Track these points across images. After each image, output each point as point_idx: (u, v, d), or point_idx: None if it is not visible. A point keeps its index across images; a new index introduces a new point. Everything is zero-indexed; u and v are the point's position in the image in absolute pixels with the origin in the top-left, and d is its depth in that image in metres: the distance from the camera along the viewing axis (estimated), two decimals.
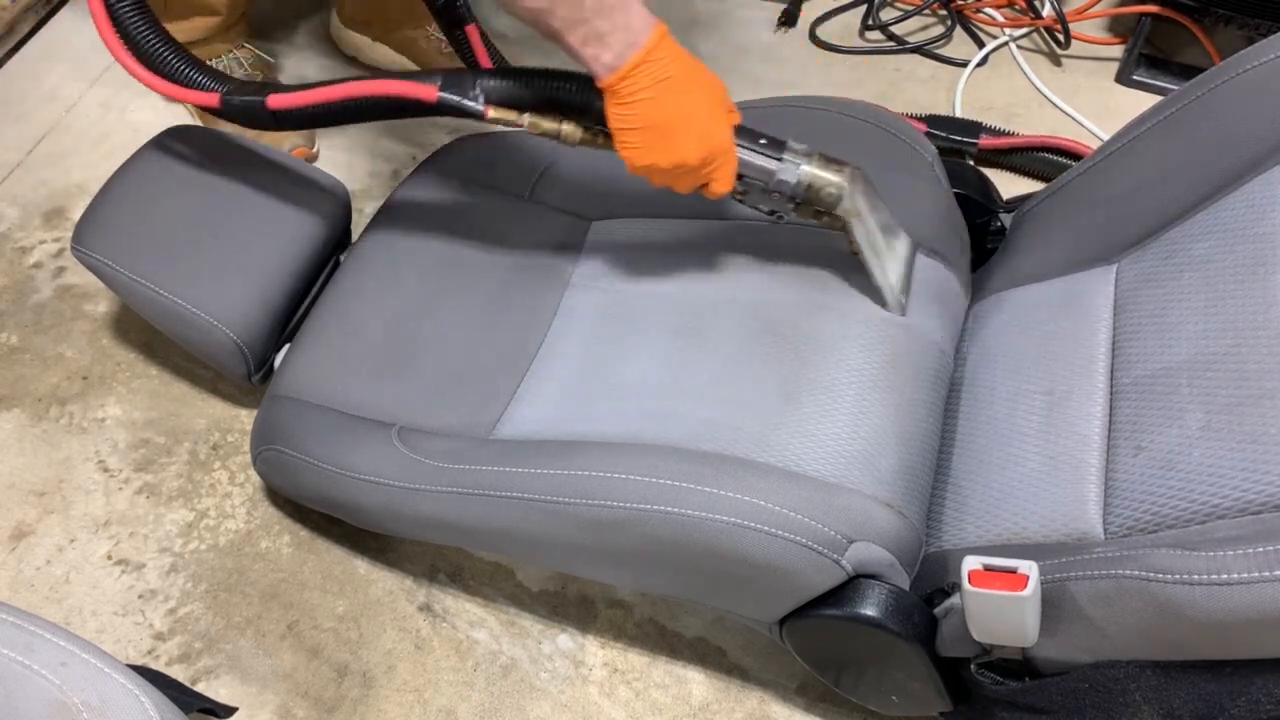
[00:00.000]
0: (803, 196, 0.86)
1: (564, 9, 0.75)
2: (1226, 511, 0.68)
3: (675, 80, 0.79)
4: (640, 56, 0.77)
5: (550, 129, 0.87)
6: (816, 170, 0.85)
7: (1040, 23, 1.53)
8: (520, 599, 1.08)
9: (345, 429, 0.96)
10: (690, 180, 0.84)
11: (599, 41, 0.76)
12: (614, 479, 0.80)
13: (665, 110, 0.79)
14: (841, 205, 0.86)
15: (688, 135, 0.80)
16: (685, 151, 0.81)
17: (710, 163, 0.82)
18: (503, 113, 0.87)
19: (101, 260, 1.06)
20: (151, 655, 1.05)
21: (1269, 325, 0.73)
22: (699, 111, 0.81)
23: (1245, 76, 0.83)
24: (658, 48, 0.78)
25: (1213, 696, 0.66)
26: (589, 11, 0.75)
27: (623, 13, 0.76)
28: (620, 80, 0.78)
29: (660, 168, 0.82)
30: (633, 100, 0.79)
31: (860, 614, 0.77)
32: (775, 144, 0.85)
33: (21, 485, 1.17)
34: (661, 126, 0.80)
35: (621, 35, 0.76)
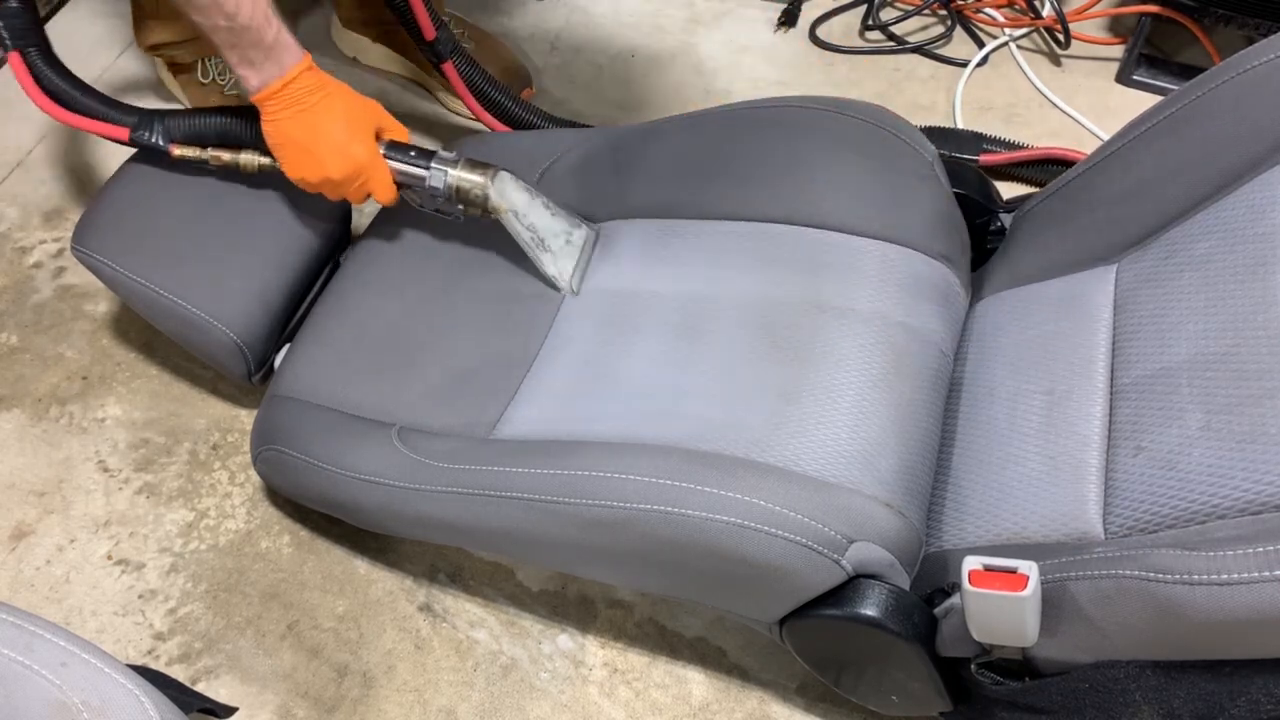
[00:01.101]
0: (455, 197, 0.98)
1: (223, 35, 0.88)
2: (1226, 511, 0.68)
3: (311, 106, 0.93)
4: (279, 85, 0.91)
5: (229, 160, 1.01)
6: (461, 173, 0.97)
7: (1040, 23, 1.53)
8: (520, 599, 1.08)
9: (345, 429, 0.96)
10: (343, 191, 0.97)
11: (250, 66, 0.90)
12: (614, 479, 0.80)
13: (303, 130, 0.93)
14: (489, 203, 0.97)
15: (327, 152, 0.94)
16: (328, 167, 0.94)
17: (357, 176, 0.96)
18: (185, 149, 1.02)
19: (101, 260, 1.06)
20: (151, 655, 1.05)
21: (1269, 325, 0.73)
22: (335, 132, 0.93)
23: (1245, 76, 0.83)
24: (299, 78, 0.91)
25: (1213, 696, 0.66)
26: (245, 41, 0.88)
27: (275, 49, 0.90)
28: (265, 100, 0.92)
29: (309, 180, 0.96)
30: (275, 119, 0.93)
31: (860, 614, 0.77)
32: (424, 154, 0.98)
33: (21, 485, 1.17)
34: (302, 144, 0.94)
35: (270, 67, 0.90)
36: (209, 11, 0.86)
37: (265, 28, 0.89)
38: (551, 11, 1.62)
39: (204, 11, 0.86)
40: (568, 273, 1.01)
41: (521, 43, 1.57)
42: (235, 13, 0.86)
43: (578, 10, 1.62)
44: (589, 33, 1.59)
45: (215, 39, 0.88)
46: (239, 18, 0.87)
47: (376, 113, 0.98)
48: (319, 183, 0.96)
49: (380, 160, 0.97)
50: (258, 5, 0.88)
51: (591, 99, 1.51)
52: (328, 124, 0.94)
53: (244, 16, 0.87)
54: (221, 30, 0.87)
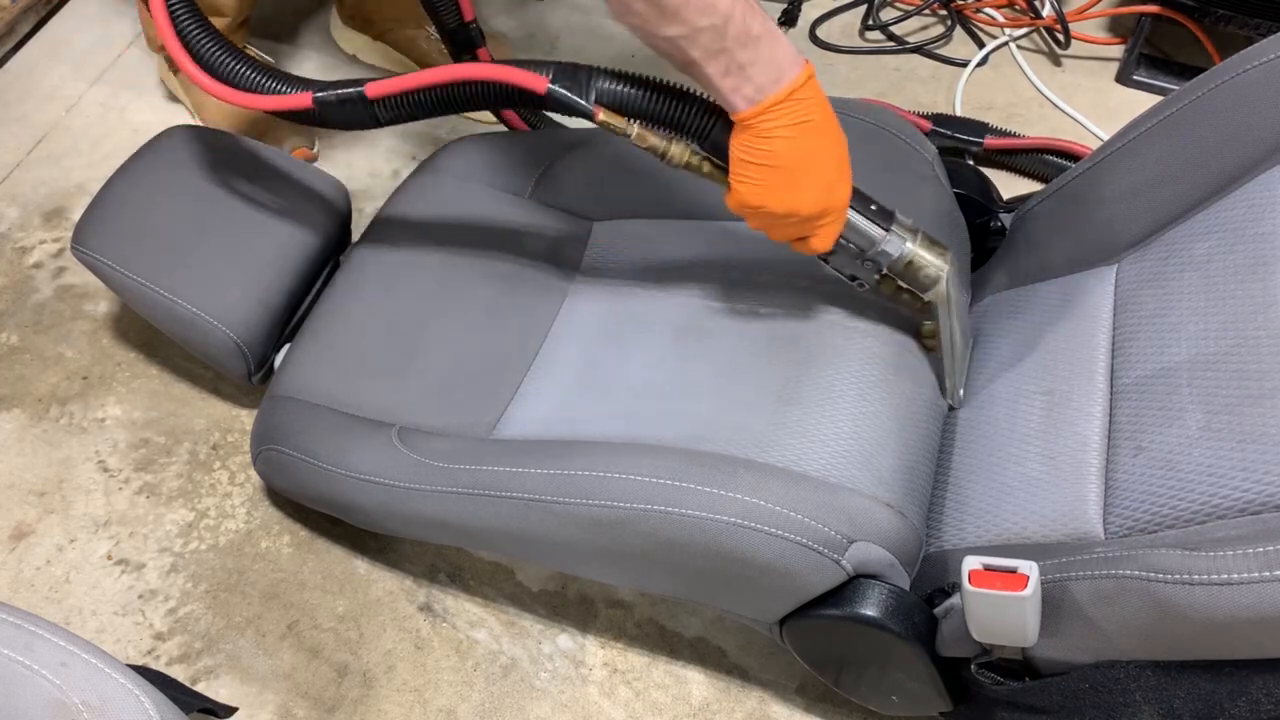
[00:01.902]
0: (899, 271, 0.84)
1: (706, 37, 0.70)
2: (1226, 511, 0.68)
3: (814, 126, 0.75)
4: (783, 94, 0.73)
5: (657, 145, 0.82)
6: (919, 249, 0.83)
7: (1040, 23, 1.53)
8: (520, 599, 1.08)
9: (345, 429, 0.96)
10: (793, 231, 0.81)
11: (740, 73, 0.72)
12: (614, 479, 0.80)
13: (798, 154, 0.76)
14: (936, 289, 0.83)
15: (813, 185, 0.77)
16: (804, 201, 0.77)
17: (823, 218, 0.79)
18: (612, 117, 0.81)
19: (101, 260, 1.06)
20: (151, 655, 1.05)
21: (1269, 325, 0.73)
22: (828, 163, 0.77)
23: (1245, 76, 0.83)
24: (803, 88, 0.74)
25: (1213, 696, 0.66)
26: (732, 41, 0.70)
27: (769, 45, 0.72)
28: (758, 115, 0.74)
29: (770, 210, 0.78)
30: (769, 137, 0.75)
31: (860, 614, 0.77)
32: (884, 213, 0.83)
33: (21, 485, 1.17)
34: (790, 169, 0.76)
35: (765, 68, 0.72)
36: (685, 14, 0.69)
37: (751, 15, 0.71)
38: (551, 11, 1.62)
39: (679, 15, 0.69)
40: (961, 383, 0.90)
41: (522, 43, 1.57)
42: (715, 4, 0.69)
43: (578, 10, 1.62)
44: (589, 33, 1.59)
45: (694, 52, 0.71)
46: (719, 7, 0.69)
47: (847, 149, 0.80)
48: (781, 214, 0.78)
49: (847, 208, 0.81)
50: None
51: None
52: (825, 151, 0.77)
53: (724, 6, 0.69)
54: (704, 34, 0.70)
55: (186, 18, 0.89)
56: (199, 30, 0.89)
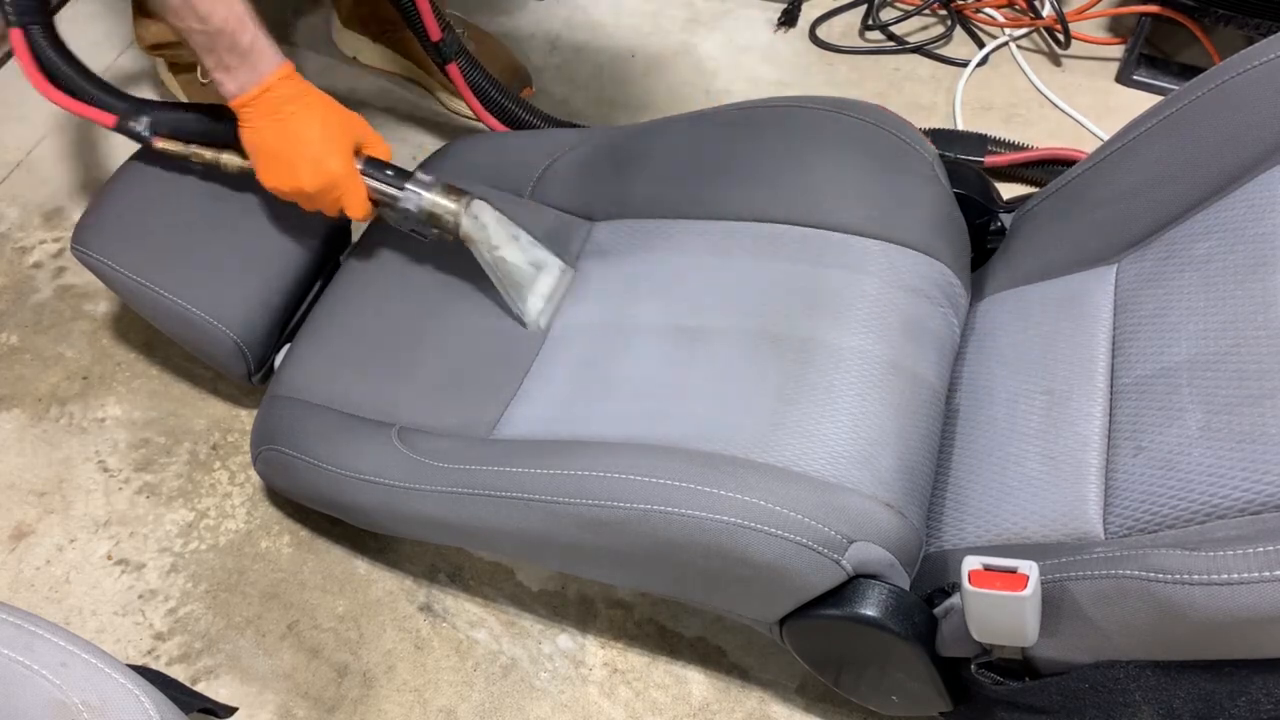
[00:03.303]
0: (429, 221, 0.96)
1: (199, 39, 0.87)
2: (1226, 511, 0.68)
3: (288, 115, 0.91)
4: (257, 91, 0.90)
5: (210, 159, 1.00)
6: (436, 198, 0.95)
7: (1040, 23, 1.53)
8: (520, 599, 1.08)
9: (345, 429, 0.96)
10: (316, 203, 0.95)
11: (225, 71, 0.89)
12: (614, 479, 0.80)
13: (279, 139, 0.92)
14: (460, 230, 0.96)
15: (301, 163, 0.92)
16: (301, 178, 0.93)
17: (332, 189, 0.94)
18: (168, 143, 1.01)
19: (101, 260, 1.06)
20: (151, 655, 1.05)
21: (1269, 325, 0.73)
22: (310, 143, 0.92)
23: (1245, 76, 0.83)
24: (276, 86, 0.90)
25: (1213, 696, 0.66)
26: (221, 47, 0.88)
27: (254, 54, 0.89)
28: (242, 106, 0.91)
29: (282, 190, 0.95)
30: (251, 126, 0.92)
31: (860, 614, 0.77)
32: (401, 174, 0.96)
33: (21, 485, 1.17)
34: (277, 153, 0.93)
35: (248, 72, 0.89)
36: (182, 14, 0.86)
37: (240, 32, 0.87)
38: (551, 11, 1.62)
39: (177, 14, 0.86)
40: (535, 310, 0.98)
41: (521, 43, 1.57)
42: (208, 15, 0.85)
43: (578, 10, 1.62)
44: (589, 33, 1.59)
45: (191, 42, 0.88)
46: (212, 20, 0.86)
47: (358, 126, 0.97)
48: (291, 193, 0.95)
49: (356, 175, 0.95)
50: (232, 8, 0.87)
51: (591, 99, 1.51)
52: (304, 135, 0.92)
53: (217, 20, 0.86)
54: (196, 34, 0.87)
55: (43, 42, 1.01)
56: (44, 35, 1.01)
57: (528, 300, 0.98)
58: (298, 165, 0.92)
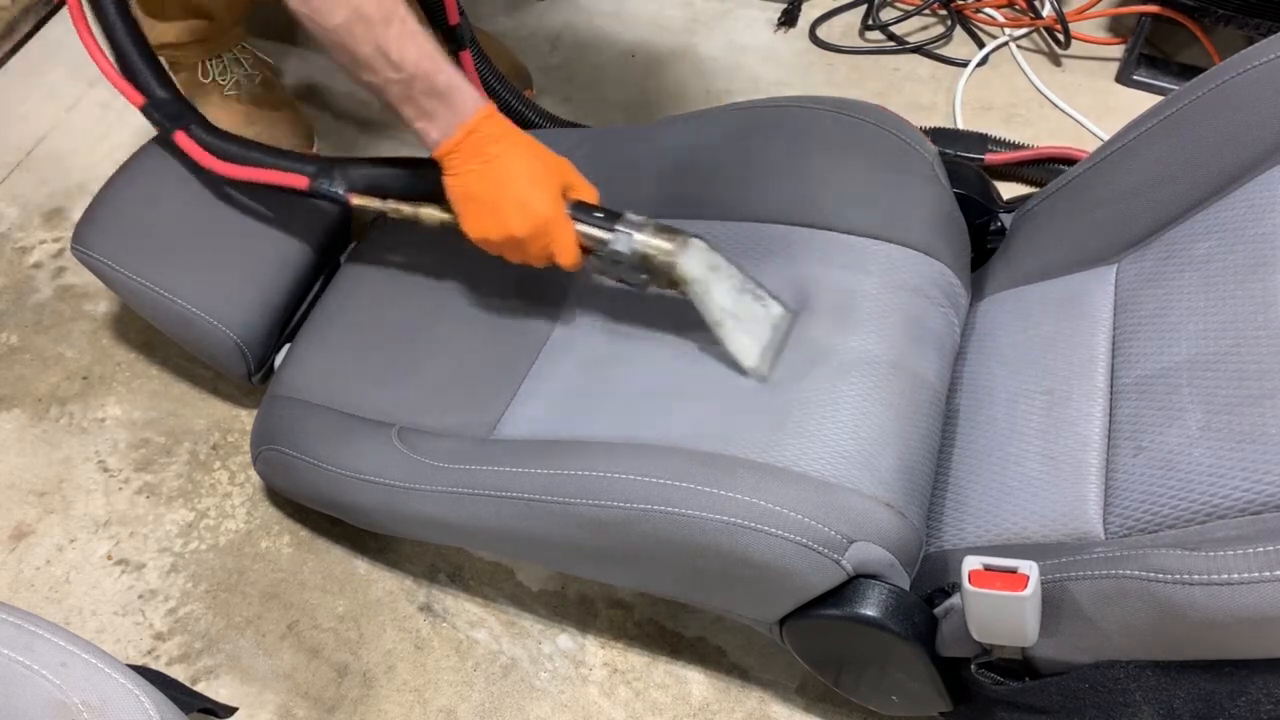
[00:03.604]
0: (641, 265, 0.89)
1: (395, 89, 0.83)
2: (1227, 511, 0.68)
3: (495, 157, 0.86)
4: (461, 135, 0.85)
5: (409, 213, 0.95)
6: (648, 238, 0.88)
7: (1040, 23, 1.52)
8: (520, 599, 1.08)
9: (345, 429, 0.96)
10: (524, 252, 0.89)
11: (428, 119, 0.85)
12: (614, 479, 0.80)
13: (487, 184, 0.86)
14: (676, 272, 0.87)
15: (512, 209, 0.86)
16: (511, 224, 0.86)
17: (542, 235, 0.87)
18: (365, 200, 0.96)
19: (101, 260, 1.06)
20: (151, 655, 1.05)
21: (1269, 325, 0.73)
22: (518, 187, 0.86)
23: (1245, 76, 0.83)
24: (480, 126, 0.85)
25: (1213, 696, 0.66)
26: (418, 93, 0.83)
27: (450, 95, 0.84)
28: (446, 154, 0.86)
29: (492, 239, 0.88)
30: (459, 173, 0.87)
31: (860, 614, 0.77)
32: (611, 215, 0.89)
33: (21, 485, 1.17)
34: (485, 199, 0.87)
35: (447, 115, 0.84)
36: (374, 64, 0.82)
37: (435, 73, 0.83)
38: (551, 11, 1.62)
39: (369, 66, 0.82)
40: (756, 354, 0.88)
41: (521, 43, 1.56)
42: (401, 60, 0.81)
43: (578, 10, 1.62)
44: (589, 33, 1.59)
45: (386, 96, 0.84)
46: (405, 65, 0.82)
47: (564, 168, 0.91)
48: (501, 241, 0.88)
49: (566, 219, 0.88)
50: (423, 49, 0.82)
51: (591, 99, 1.51)
52: (512, 177, 0.86)
53: (410, 63, 0.82)
54: (392, 85, 0.83)
55: None
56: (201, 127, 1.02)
57: (748, 346, 0.88)
58: (506, 211, 0.86)
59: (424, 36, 0.83)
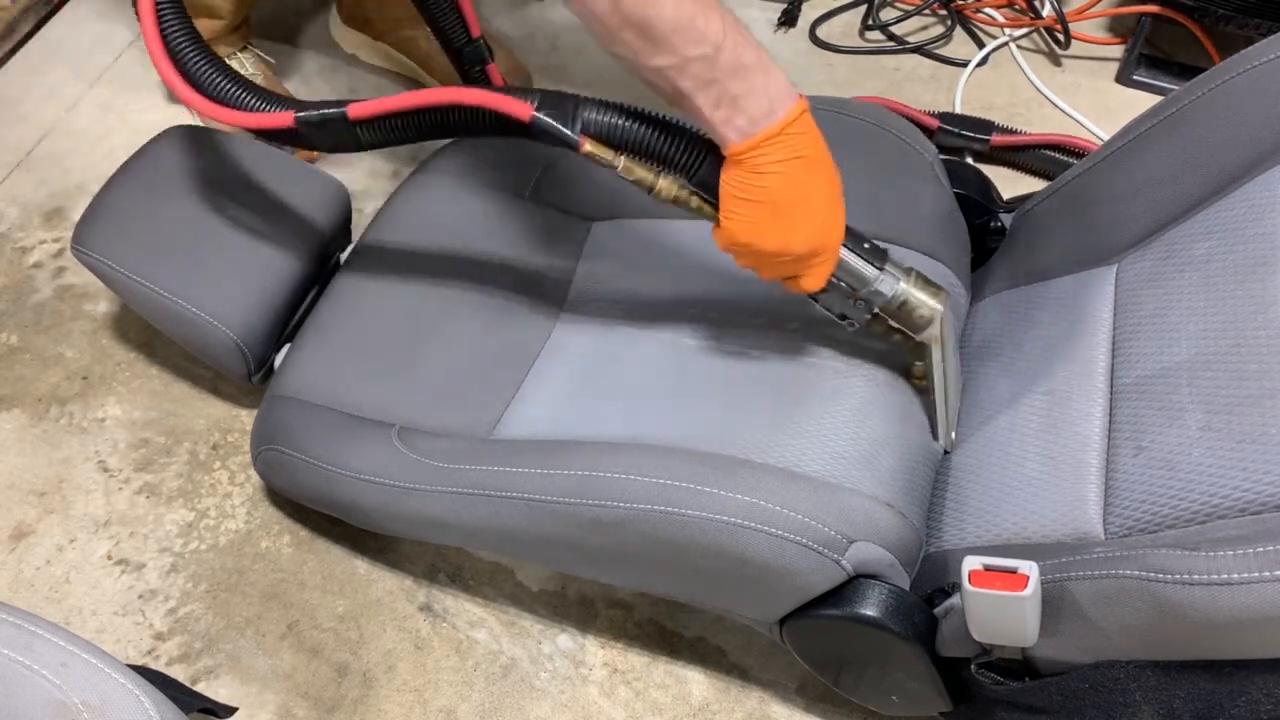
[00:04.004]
0: (892, 311, 0.82)
1: (696, 67, 0.68)
2: (1227, 511, 0.68)
3: (808, 161, 0.72)
4: (777, 127, 0.70)
5: (645, 178, 0.79)
6: (913, 289, 0.81)
7: (1040, 23, 1.53)
8: (520, 599, 1.08)
9: (345, 429, 0.96)
10: (783, 269, 0.78)
11: (733, 105, 0.69)
12: (614, 479, 0.80)
13: (791, 190, 0.73)
14: (929, 330, 0.82)
15: (805, 222, 0.74)
16: (795, 239, 0.74)
17: (815, 257, 0.77)
18: (599, 148, 0.79)
19: (101, 260, 1.06)
20: (151, 655, 1.05)
21: (1269, 325, 0.73)
22: (822, 200, 0.75)
23: (1245, 76, 0.83)
24: (798, 121, 0.71)
25: (1213, 696, 0.66)
26: (723, 71, 0.68)
27: (761, 76, 0.69)
28: (751, 149, 0.71)
29: (761, 249, 0.75)
30: (761, 172, 0.72)
31: (860, 614, 0.77)
32: (878, 252, 0.81)
33: (21, 485, 1.17)
34: (781, 206, 0.73)
35: (759, 100, 0.69)
36: (674, 41, 0.68)
37: (744, 45, 0.69)
38: (551, 11, 1.62)
39: (668, 44, 0.68)
40: (953, 426, 0.87)
41: (521, 43, 1.57)
42: (706, 31, 0.67)
43: None
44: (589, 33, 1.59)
45: (684, 83, 0.69)
46: (710, 36, 0.67)
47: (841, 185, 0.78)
48: (771, 252, 0.75)
49: (841, 246, 0.78)
50: (726, 18, 0.68)
51: None
52: (818, 188, 0.74)
53: (715, 34, 0.67)
54: (695, 63, 0.68)
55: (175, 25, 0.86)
56: (185, 40, 0.86)
57: (950, 416, 0.86)
58: (801, 224, 0.74)
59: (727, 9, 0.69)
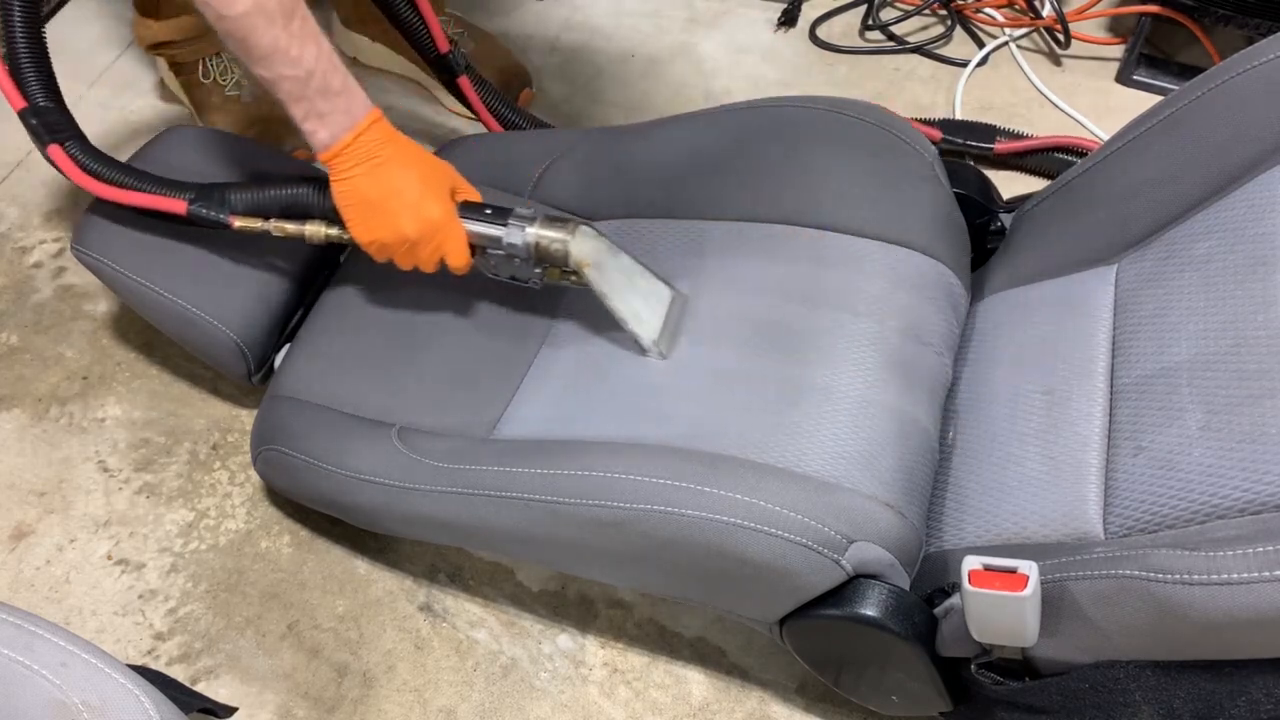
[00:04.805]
0: (535, 256, 0.90)
1: (289, 85, 0.82)
2: (1226, 511, 0.68)
3: (385, 160, 0.86)
4: (351, 137, 0.84)
5: (294, 231, 0.95)
6: (540, 230, 0.89)
7: (1040, 23, 1.53)
8: (520, 599, 1.08)
9: (345, 429, 0.96)
10: (420, 254, 0.89)
11: (319, 119, 0.84)
12: (613, 479, 0.80)
13: (377, 187, 0.86)
14: (571, 259, 0.89)
15: (401, 210, 0.87)
16: (401, 226, 0.87)
17: (433, 236, 0.88)
18: (247, 221, 0.95)
19: (101, 260, 1.06)
20: (151, 655, 1.05)
21: (1269, 325, 0.73)
22: (409, 188, 0.87)
23: (1245, 76, 0.83)
24: (370, 130, 0.85)
25: (1213, 696, 0.66)
26: (312, 91, 0.82)
27: (345, 98, 0.84)
28: (334, 156, 0.85)
29: (382, 241, 0.89)
30: (347, 177, 0.86)
31: (860, 614, 0.77)
32: (500, 212, 0.90)
33: (21, 485, 1.17)
34: (375, 202, 0.87)
35: (340, 119, 0.84)
36: (272, 61, 0.81)
37: (332, 74, 0.83)
38: (551, 11, 1.62)
39: (266, 61, 0.81)
40: (654, 333, 0.91)
41: (521, 43, 1.57)
42: (299, 58, 0.81)
43: (578, 10, 1.62)
44: (589, 33, 1.59)
45: (280, 92, 0.83)
46: (303, 63, 0.81)
47: (449, 172, 0.92)
48: (393, 243, 0.89)
49: (457, 220, 0.90)
50: (321, 48, 0.82)
51: (591, 99, 1.51)
52: (402, 179, 0.87)
53: (308, 62, 0.81)
54: (286, 81, 0.82)
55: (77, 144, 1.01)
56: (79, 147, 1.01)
57: (645, 325, 0.92)
58: (397, 213, 0.87)
59: (324, 37, 0.83)
